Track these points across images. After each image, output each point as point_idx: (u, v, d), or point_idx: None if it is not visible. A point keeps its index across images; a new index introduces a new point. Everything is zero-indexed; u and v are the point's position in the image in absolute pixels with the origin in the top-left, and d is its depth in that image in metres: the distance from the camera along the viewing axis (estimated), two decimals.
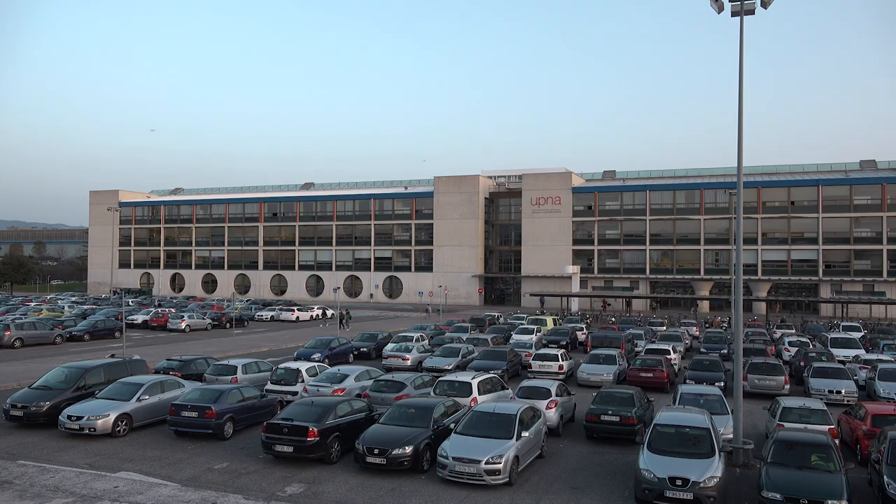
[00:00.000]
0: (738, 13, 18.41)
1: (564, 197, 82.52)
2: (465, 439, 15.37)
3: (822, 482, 12.80)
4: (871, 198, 72.12)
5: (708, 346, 35.89)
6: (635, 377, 26.50)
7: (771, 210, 75.00)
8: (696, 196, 78.09)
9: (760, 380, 25.63)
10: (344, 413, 17.19)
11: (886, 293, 69.24)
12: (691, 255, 77.99)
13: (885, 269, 70.82)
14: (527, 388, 20.46)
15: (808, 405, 18.24)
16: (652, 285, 79.78)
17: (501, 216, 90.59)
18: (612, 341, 34.18)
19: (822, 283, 72.58)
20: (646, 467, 13.63)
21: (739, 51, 18.47)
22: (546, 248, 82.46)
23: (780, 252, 74.73)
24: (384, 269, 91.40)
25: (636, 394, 19.70)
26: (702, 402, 18.65)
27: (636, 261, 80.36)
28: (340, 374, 22.92)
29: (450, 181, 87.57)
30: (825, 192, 73.60)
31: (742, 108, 18.35)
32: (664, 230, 79.29)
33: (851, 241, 72.45)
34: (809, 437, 14.43)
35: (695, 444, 14.28)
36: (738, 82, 18.35)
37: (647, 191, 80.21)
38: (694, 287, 77.39)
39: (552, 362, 28.63)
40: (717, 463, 13.61)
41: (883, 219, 71.11)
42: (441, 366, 28.68)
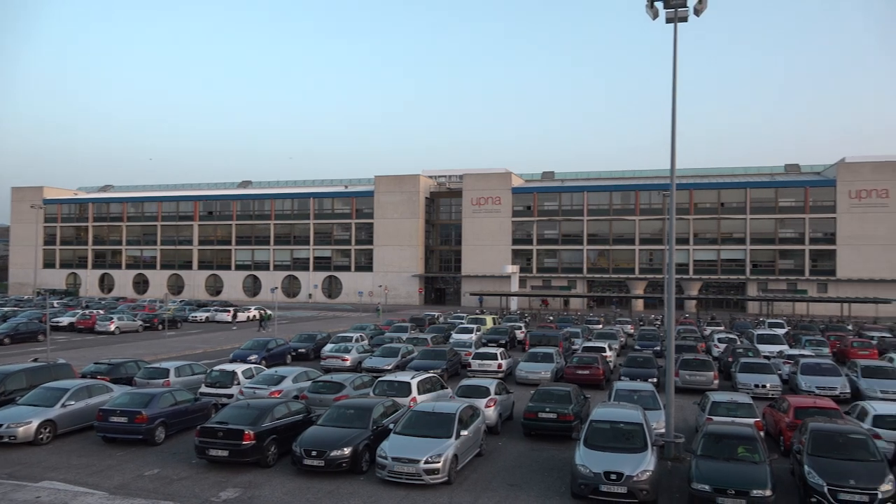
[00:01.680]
0: (672, 20, 18.94)
1: (504, 197, 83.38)
2: (405, 439, 15.34)
3: (748, 473, 13.30)
4: (795, 200, 75.45)
5: (642, 344, 36.79)
6: (572, 375, 26.95)
7: (702, 211, 77.58)
8: (632, 197, 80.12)
9: (691, 375, 26.43)
10: (281, 415, 16.90)
11: (808, 291, 72.58)
12: (626, 254, 79.96)
13: (807, 269, 74.25)
14: (466, 387, 20.55)
15: (736, 399, 18.91)
16: (589, 284, 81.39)
17: (442, 216, 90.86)
18: (550, 340, 34.68)
19: (749, 282, 75.53)
20: (582, 463, 13.88)
21: (673, 57, 18.99)
22: (486, 248, 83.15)
23: (711, 252, 77.38)
24: (323, 269, 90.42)
25: (573, 391, 20.04)
26: (636, 398, 19.12)
27: (574, 260, 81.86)
28: (278, 376, 22.52)
29: (390, 180, 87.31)
30: (753, 195, 76.60)
31: (675, 112, 18.88)
32: (601, 230, 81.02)
33: (776, 242, 75.67)
34: (736, 430, 14.98)
35: (629, 439, 14.62)
36: (672, 87, 18.87)
37: (585, 192, 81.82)
38: (629, 286, 79.34)
39: (491, 361, 28.85)
40: (650, 457, 13.97)
41: (805, 220, 74.53)
42: (380, 366, 28.53)
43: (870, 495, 12.82)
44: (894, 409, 17.86)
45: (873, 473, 13.24)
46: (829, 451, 14.02)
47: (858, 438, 14.40)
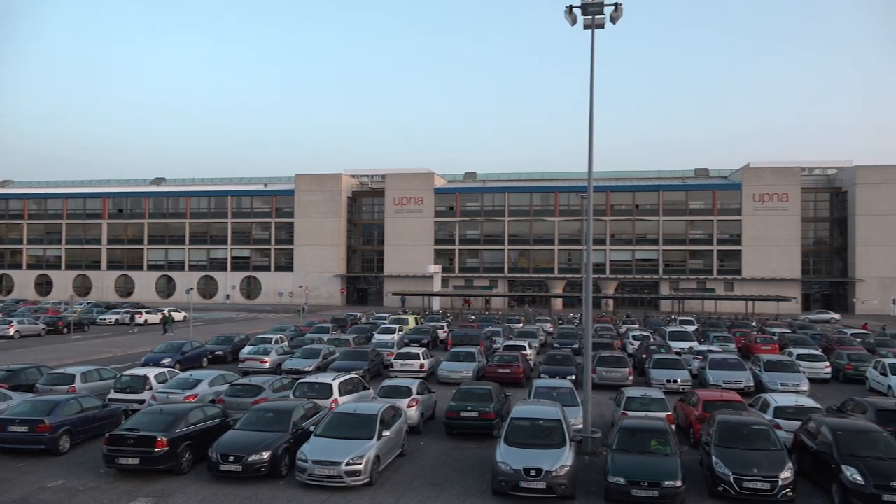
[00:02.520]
0: (590, 27, 19.48)
1: (427, 197, 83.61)
2: (326, 441, 15.13)
3: (660, 465, 13.82)
4: (704, 203, 79.03)
5: (561, 342, 37.58)
6: (493, 373, 27.24)
7: (618, 213, 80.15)
8: (552, 199, 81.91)
9: (608, 372, 27.22)
10: (196, 420, 16.34)
11: (716, 290, 76.16)
12: (546, 254, 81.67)
13: (715, 268, 77.92)
14: (388, 388, 20.47)
15: (649, 394, 19.60)
16: (510, 284, 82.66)
17: (364, 215, 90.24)
18: (471, 339, 34.95)
19: (662, 281, 78.56)
20: (502, 460, 14.06)
21: (591, 62, 19.54)
22: (408, 248, 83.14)
23: (626, 252, 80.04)
24: (242, 269, 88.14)
25: (494, 389, 20.28)
26: (555, 395, 19.52)
27: (495, 260, 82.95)
28: (193, 380, 21.77)
29: (312, 179, 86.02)
30: (665, 198, 79.74)
31: (592, 116, 19.39)
32: (521, 231, 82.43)
33: (687, 243, 79.05)
34: (649, 424, 15.53)
35: (548, 435, 14.91)
36: (590, 92, 19.39)
37: (506, 193, 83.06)
38: (548, 285, 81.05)
39: (413, 361, 28.85)
40: (568, 452, 14.30)
41: (714, 222, 78.20)
42: (301, 367, 28.04)
43: (771, 482, 13.57)
44: (793, 401, 18.94)
45: (774, 462, 14.00)
46: (735, 442, 14.74)
47: (761, 429, 15.19)
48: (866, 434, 14.73)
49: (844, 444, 14.29)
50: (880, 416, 17.42)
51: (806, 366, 28.98)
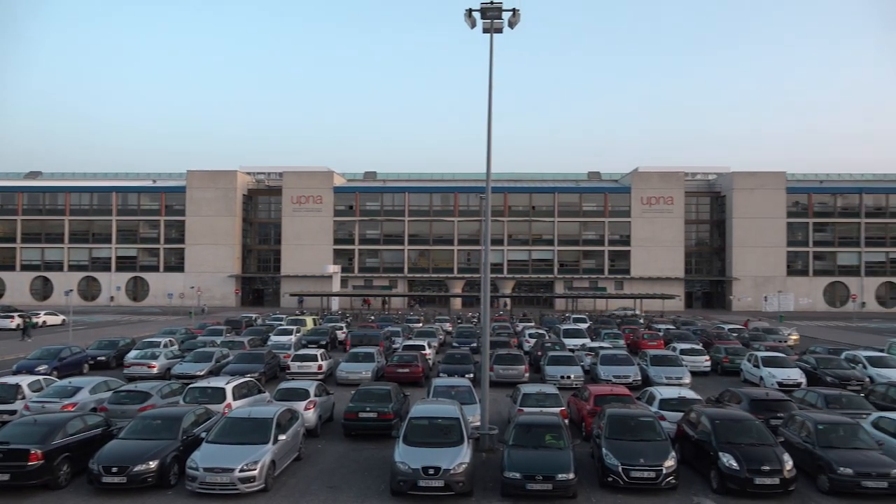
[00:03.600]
0: (489, 30, 19.82)
1: (326, 196, 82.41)
2: (218, 448, 14.60)
3: (554, 459, 14.27)
4: (597, 205, 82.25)
5: (459, 341, 37.97)
6: (393, 373, 27.22)
7: (515, 214, 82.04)
8: (451, 199, 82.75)
9: (505, 370, 27.76)
10: (76, 430, 15.36)
11: (607, 288, 79.42)
12: (446, 254, 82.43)
13: (606, 268, 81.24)
14: (285, 391, 20.03)
15: (544, 390, 20.16)
16: (410, 284, 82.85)
17: (261, 214, 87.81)
18: (370, 339, 34.77)
19: (557, 280, 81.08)
20: (401, 460, 14.07)
21: (489, 65, 19.86)
22: (307, 248, 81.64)
23: (523, 252, 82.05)
24: (128, 270, 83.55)
25: (393, 389, 20.25)
26: (453, 394, 19.74)
27: (395, 260, 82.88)
28: (72, 388, 20.45)
29: (205, 176, 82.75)
30: (560, 199, 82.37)
31: (491, 118, 19.72)
32: (421, 231, 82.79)
33: (580, 243, 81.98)
34: (544, 420, 15.99)
35: (446, 433, 15.04)
36: (488, 94, 19.72)
37: (406, 193, 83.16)
38: (448, 285, 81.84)
39: (311, 362, 28.36)
40: (466, 449, 14.49)
41: (605, 224, 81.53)
42: (192, 372, 26.94)
43: (656, 471, 14.31)
44: (676, 393, 20.03)
45: (659, 451, 14.77)
46: (623, 434, 15.43)
47: (647, 421, 15.98)
48: (741, 422, 15.77)
49: (721, 433, 15.25)
50: (753, 406, 18.75)
51: (688, 360, 30.70)
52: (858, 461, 14.42)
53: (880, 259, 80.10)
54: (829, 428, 15.62)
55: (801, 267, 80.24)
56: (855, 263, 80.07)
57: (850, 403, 19.49)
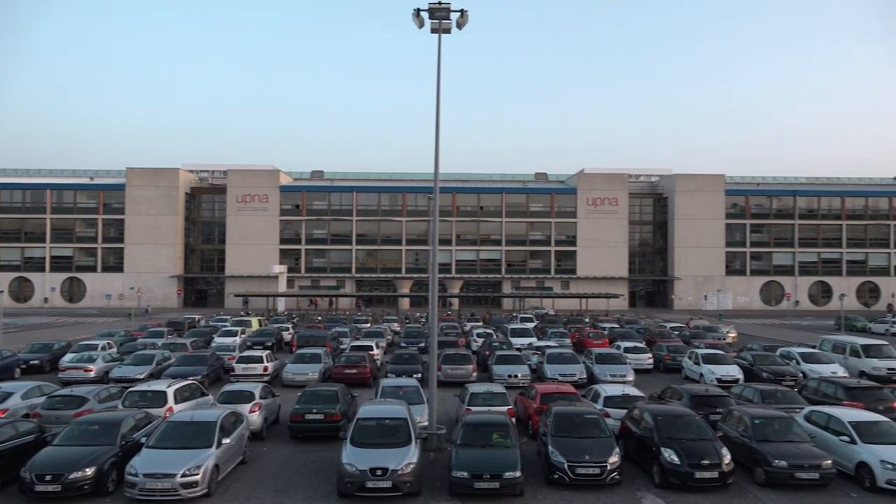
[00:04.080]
0: (437, 31, 19.83)
1: (272, 195, 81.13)
2: (159, 453, 14.21)
3: (501, 457, 14.38)
4: (543, 206, 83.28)
5: (407, 341, 37.89)
6: (340, 374, 27.01)
7: (463, 214, 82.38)
8: (399, 199, 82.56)
9: (453, 369, 27.83)
10: (6, 437, 14.75)
11: (553, 288, 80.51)
12: (394, 254, 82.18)
13: (552, 268, 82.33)
14: (229, 393, 19.64)
15: (491, 389, 20.29)
16: (357, 284, 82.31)
17: (204, 213, 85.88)
18: (317, 340, 34.42)
19: (504, 280, 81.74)
20: (348, 461, 13.96)
21: (437, 65, 19.87)
22: (252, 247, 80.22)
23: (471, 252, 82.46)
24: (63, 270, 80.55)
25: (340, 391, 20.08)
26: (401, 394, 19.70)
27: (343, 260, 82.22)
28: (2, 393, 19.62)
29: (145, 173, 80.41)
30: (507, 200, 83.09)
31: (439, 119, 19.71)
32: (369, 231, 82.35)
33: (527, 244, 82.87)
34: (491, 419, 16.10)
35: (394, 434, 15.00)
36: (436, 94, 19.73)
37: (354, 192, 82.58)
38: (396, 285, 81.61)
39: (257, 364, 27.91)
40: (414, 450, 14.47)
41: (552, 224, 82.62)
42: (131, 375, 26.15)
43: (600, 467, 14.57)
44: (620, 390, 20.43)
45: (604, 448, 15.04)
46: (569, 432, 15.65)
47: (592, 418, 16.25)
48: (682, 418, 16.19)
49: (663, 429, 15.63)
50: (693, 402, 19.28)
51: (632, 358, 31.39)
52: (792, 454, 14.97)
53: (812, 259, 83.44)
54: (765, 422, 16.17)
55: (738, 267, 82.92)
56: (789, 263, 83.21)
57: (785, 398, 20.24)
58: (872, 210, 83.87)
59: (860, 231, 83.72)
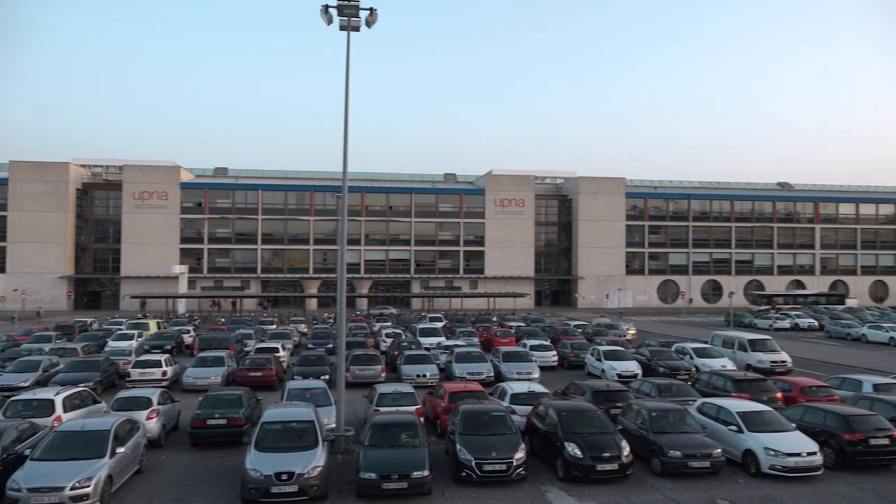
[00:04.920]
0: (346, 28, 19.61)
1: (172, 192, 77.87)
2: (46, 465, 13.33)
3: (409, 457, 14.38)
4: (452, 206, 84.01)
5: (315, 342, 37.32)
6: (244, 377, 26.28)
7: (373, 214, 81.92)
8: (307, 198, 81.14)
9: (361, 370, 27.64)
10: None
11: (462, 287, 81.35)
12: (301, 254, 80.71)
13: (461, 268, 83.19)
14: (124, 400, 18.68)
15: (400, 389, 20.27)
16: (263, 284, 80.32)
17: (98, 210, 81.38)
18: (220, 342, 33.36)
19: (413, 280, 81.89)
20: (252, 467, 13.59)
21: (346, 63, 19.65)
22: (150, 247, 76.69)
23: (380, 252, 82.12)
24: None
25: (244, 394, 19.52)
26: (308, 397, 19.37)
27: (248, 260, 80.00)
28: None
29: (31, 167, 75.35)
30: (417, 200, 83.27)
31: (347, 117, 19.50)
32: (276, 230, 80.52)
33: (437, 244, 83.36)
34: (399, 419, 16.08)
35: (300, 437, 14.72)
36: (345, 92, 19.51)
37: (260, 190, 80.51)
38: (303, 285, 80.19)
39: (155, 369, 26.72)
40: (321, 453, 14.25)
41: (461, 224, 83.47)
42: (14, 383, 24.38)
43: (507, 464, 14.83)
44: (526, 388, 20.87)
45: (510, 444, 15.32)
46: (476, 429, 15.84)
47: (499, 416, 16.52)
48: (584, 413, 16.72)
49: (567, 423, 16.09)
50: (595, 397, 19.95)
51: (537, 355, 32.16)
52: (686, 444, 15.75)
53: (705, 259, 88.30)
54: (661, 415, 16.93)
55: (638, 266, 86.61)
56: (684, 263, 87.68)
57: (679, 391, 21.28)
58: (758, 213, 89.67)
59: (747, 233, 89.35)
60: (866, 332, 46.71)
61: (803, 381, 22.71)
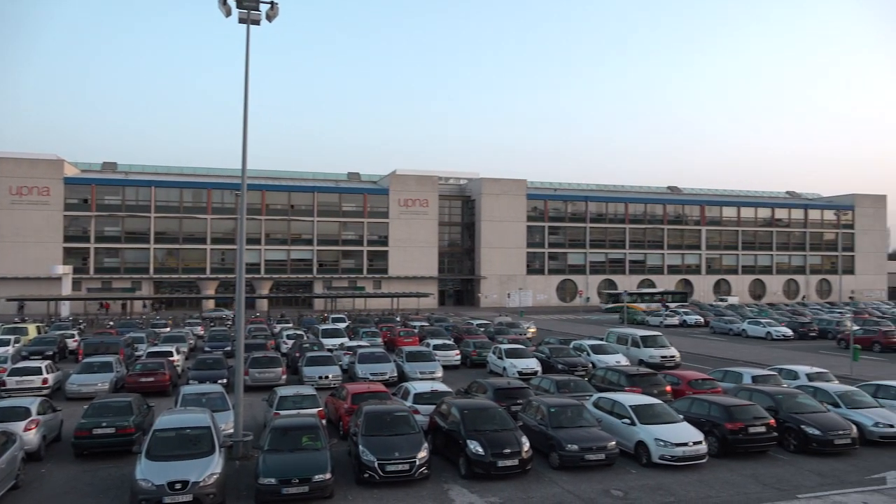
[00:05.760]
0: (245, 21, 19.01)
1: (54, 188, 72.95)
2: None
3: (310, 460, 14.13)
4: (356, 205, 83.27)
5: (212, 345, 36.11)
6: (135, 383, 25.03)
7: (273, 212, 79.94)
8: (204, 195, 78.15)
9: (261, 373, 26.96)
10: None
11: (366, 287, 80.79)
12: (198, 254, 77.68)
13: (365, 267, 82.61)
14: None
15: (301, 392, 19.91)
16: (156, 285, 76.73)
17: None
18: (108, 347, 31.55)
19: (316, 280, 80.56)
20: (143, 477, 12.95)
21: (246, 57, 19.06)
22: (29, 246, 71.52)
23: (281, 252, 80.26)
24: None
25: (134, 401, 18.58)
26: (204, 401, 18.68)
27: (139, 260, 76.16)
28: None
29: None
30: (320, 199, 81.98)
31: (247, 112, 18.92)
32: (170, 228, 77.11)
33: (340, 243, 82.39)
34: (300, 422, 15.78)
35: (195, 444, 14.17)
36: (244, 86, 18.92)
37: (153, 187, 76.80)
38: (200, 286, 77.23)
39: (34, 376, 24.99)
40: (218, 459, 13.76)
41: (364, 224, 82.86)
42: None
43: (410, 463, 14.84)
44: (429, 387, 20.97)
45: (413, 444, 15.33)
46: (379, 430, 15.77)
47: (401, 416, 16.51)
48: (486, 411, 16.98)
49: (469, 421, 16.29)
50: (497, 395, 20.32)
51: (441, 355, 32.40)
52: (582, 438, 16.30)
53: (601, 259, 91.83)
54: (559, 410, 17.44)
55: (538, 266, 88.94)
56: (581, 263, 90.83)
57: (577, 387, 22.03)
58: (650, 215, 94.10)
59: (640, 234, 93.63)
60: (746, 328, 49.98)
61: (690, 375, 24.00)
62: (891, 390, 20.94)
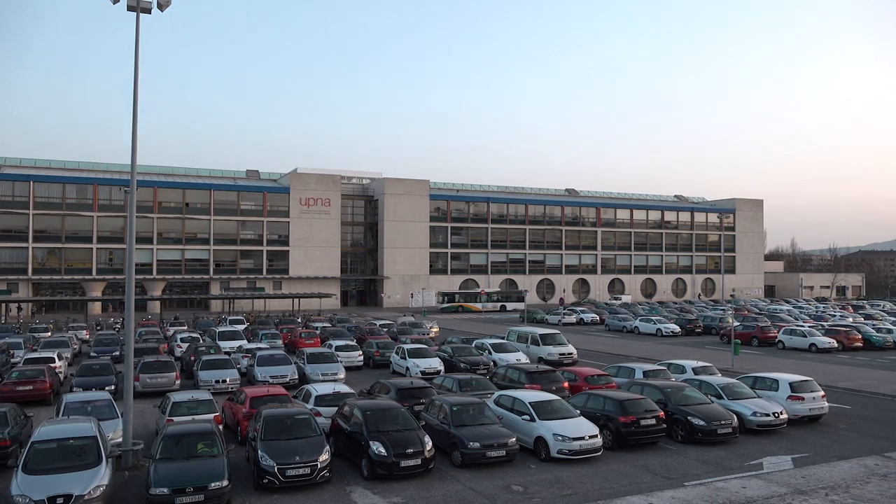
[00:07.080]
0: (135, 9, 18.08)
1: None
2: None
3: (206, 468, 13.60)
4: (255, 204, 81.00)
5: (99, 350, 34.20)
6: (11, 392, 23.26)
7: (167, 210, 76.52)
8: (89, 191, 73.75)
9: (152, 378, 25.72)
10: None
11: (266, 288, 78.75)
12: (83, 253, 73.22)
13: (264, 268, 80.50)
14: None
15: (196, 397, 19.13)
16: (36, 287, 71.71)
17: None
18: None
19: (213, 281, 77.76)
20: (19, 493, 12.06)
21: (135, 47, 18.13)
22: None
23: (175, 251, 76.94)
24: None
25: (10, 411, 17.31)
26: (90, 410, 17.62)
27: (16, 259, 70.88)
28: None
29: None
30: (217, 197, 79.18)
31: (136, 104, 18.04)
32: (51, 226, 72.26)
33: (238, 243, 79.90)
34: (195, 428, 15.16)
35: (79, 455, 13.33)
36: (134, 77, 18.01)
37: (31, 181, 71.69)
38: (85, 288, 72.86)
39: None
40: (104, 471, 13.03)
41: (264, 223, 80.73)
42: None
43: (311, 467, 14.57)
44: (331, 389, 20.68)
45: (314, 447, 15.06)
46: (279, 434, 15.39)
47: (302, 419, 16.19)
48: (389, 411, 16.93)
49: (372, 422, 16.18)
50: (400, 395, 20.30)
51: (343, 356, 32.05)
52: (484, 435, 16.53)
53: (502, 259, 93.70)
54: (461, 409, 17.63)
55: (441, 266, 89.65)
56: (483, 263, 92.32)
57: (479, 385, 22.33)
58: (549, 217, 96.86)
59: (540, 235, 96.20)
60: (638, 325, 52.36)
61: (586, 371, 24.87)
62: (767, 382, 22.47)
